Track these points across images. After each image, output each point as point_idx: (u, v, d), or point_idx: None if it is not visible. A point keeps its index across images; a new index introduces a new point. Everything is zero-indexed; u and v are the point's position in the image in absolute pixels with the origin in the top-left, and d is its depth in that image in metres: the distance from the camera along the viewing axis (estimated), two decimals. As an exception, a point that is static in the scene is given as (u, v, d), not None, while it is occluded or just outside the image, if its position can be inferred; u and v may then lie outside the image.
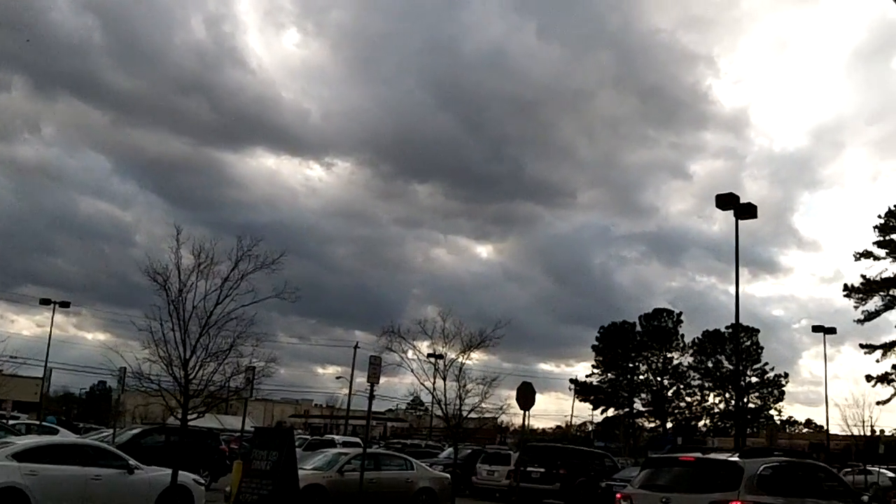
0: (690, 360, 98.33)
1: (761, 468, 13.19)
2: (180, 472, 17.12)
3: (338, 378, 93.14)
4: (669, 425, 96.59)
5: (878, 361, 61.16)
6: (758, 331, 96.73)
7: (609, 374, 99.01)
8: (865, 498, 15.60)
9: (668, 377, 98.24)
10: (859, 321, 61.94)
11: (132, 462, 17.57)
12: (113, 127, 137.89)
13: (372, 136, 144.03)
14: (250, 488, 16.99)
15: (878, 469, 56.15)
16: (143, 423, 37.41)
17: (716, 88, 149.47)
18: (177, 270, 17.03)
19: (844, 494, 14.70)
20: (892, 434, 73.55)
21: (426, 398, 26.82)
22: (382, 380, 21.88)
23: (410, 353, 23.25)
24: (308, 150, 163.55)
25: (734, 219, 32.75)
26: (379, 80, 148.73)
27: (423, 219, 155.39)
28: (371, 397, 21.69)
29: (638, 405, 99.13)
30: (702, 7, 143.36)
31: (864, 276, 61.04)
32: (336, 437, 46.42)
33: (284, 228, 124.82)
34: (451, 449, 32.22)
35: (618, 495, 14.16)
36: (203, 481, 19.57)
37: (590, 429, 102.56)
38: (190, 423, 17.70)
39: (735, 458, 13.54)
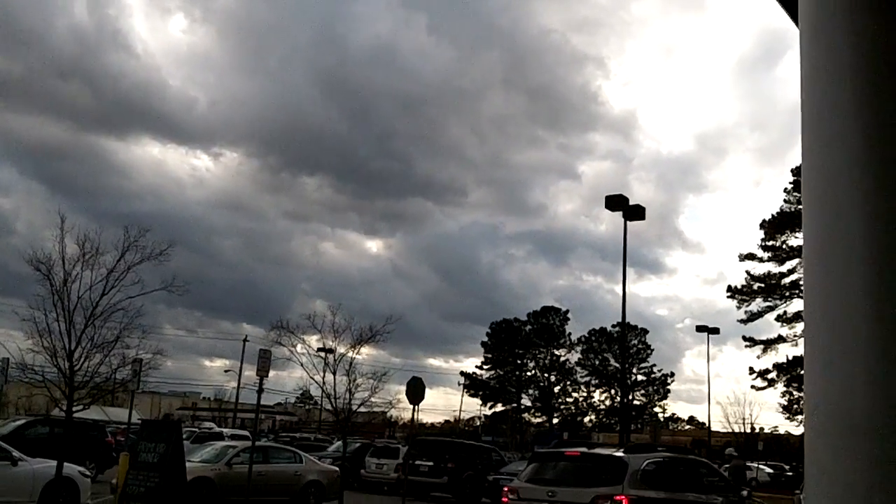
0: (578, 357, 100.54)
1: (645, 463, 13.57)
2: (66, 464, 16.83)
3: (226, 371, 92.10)
4: (556, 421, 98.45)
5: (758, 357, 63.57)
6: (646, 331, 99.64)
7: (498, 371, 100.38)
8: (745, 492, 16.30)
9: (555, 374, 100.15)
10: (742, 321, 64.26)
11: (16, 454, 17.18)
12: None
13: (259, 127, 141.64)
14: (137, 480, 16.81)
15: (756, 465, 58.52)
16: (26, 414, 36.25)
17: (605, 90, 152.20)
18: (61, 260, 16.73)
19: (725, 489, 15.32)
20: (771, 431, 76.71)
21: (316, 392, 26.74)
22: (271, 373, 21.84)
23: (300, 348, 23.23)
24: (195, 139, 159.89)
25: (623, 220, 33.77)
26: (266, 70, 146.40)
27: (311, 213, 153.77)
28: (260, 391, 21.64)
29: (525, 401, 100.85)
30: (592, 9, 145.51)
31: (748, 274, 63.29)
32: (224, 430, 45.84)
33: (170, 219, 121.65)
34: (339, 443, 32.26)
35: (505, 488, 14.37)
36: (89, 473, 19.27)
37: (478, 423, 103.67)
38: (75, 415, 17.41)
39: (620, 454, 13.99)
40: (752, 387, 63.58)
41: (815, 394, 2.16)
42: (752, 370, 63.73)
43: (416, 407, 25.38)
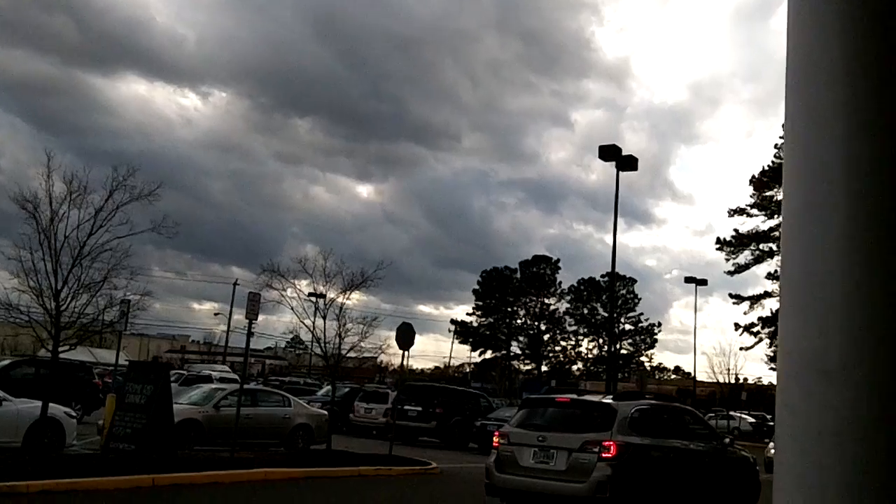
0: (567, 306, 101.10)
1: (633, 410, 13.82)
2: (51, 405, 16.82)
3: (216, 315, 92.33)
4: (544, 369, 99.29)
5: (745, 313, 64.09)
6: (635, 280, 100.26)
7: (488, 318, 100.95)
8: (728, 440, 16.58)
9: (544, 322, 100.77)
10: (729, 273, 64.73)
11: (0, 393, 17.20)
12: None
13: (249, 66, 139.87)
14: (124, 422, 16.89)
15: (739, 414, 59.15)
16: (12, 355, 36.29)
17: (599, 36, 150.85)
18: (48, 199, 16.56)
19: (709, 436, 15.61)
20: (755, 382, 77.38)
21: (306, 337, 26.74)
22: (261, 317, 21.86)
23: (290, 292, 23.17)
24: (183, 77, 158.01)
25: (615, 170, 33.68)
26: (256, 7, 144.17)
27: (303, 155, 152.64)
28: (249, 334, 21.63)
29: (515, 348, 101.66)
30: None
31: (736, 231, 63.54)
32: (213, 372, 46.05)
33: (158, 159, 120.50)
34: (329, 387, 32.42)
35: (496, 433, 14.59)
36: (75, 414, 19.31)
37: (467, 370, 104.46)
38: (61, 356, 17.39)
39: (609, 401, 14.20)
40: (742, 348, 64.14)
41: (789, 338, 2.11)
42: (737, 326, 64.27)
43: (406, 353, 25.46)
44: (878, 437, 2.07)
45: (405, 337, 24.48)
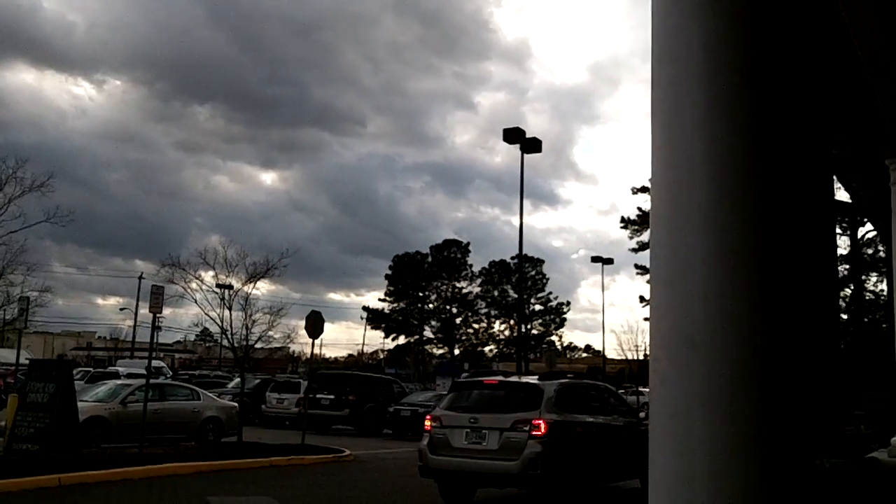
0: (478, 289, 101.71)
1: (557, 389, 14.37)
2: (-52, 407, 16.31)
3: (122, 310, 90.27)
4: (458, 352, 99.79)
5: (647, 283, 65.64)
6: (542, 261, 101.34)
7: (400, 304, 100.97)
8: (643, 414, 17.26)
9: (456, 306, 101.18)
10: (633, 250, 66.07)
11: None
12: None
13: (144, 52, 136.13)
14: (26, 421, 16.48)
15: (648, 390, 60.43)
16: None
17: (498, 17, 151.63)
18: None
19: (626, 412, 16.46)
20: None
21: (214, 329, 26.41)
22: (167, 311, 21.53)
23: (194, 284, 22.81)
24: (75, 66, 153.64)
25: (519, 152, 34.01)
26: None
27: (204, 143, 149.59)
28: (154, 328, 21.29)
29: (428, 333, 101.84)
30: None
31: (640, 209, 64.80)
32: (120, 368, 45.09)
33: (52, 151, 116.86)
34: (239, 379, 32.09)
35: (428, 416, 14.92)
36: (-26, 416, 18.75)
37: (381, 357, 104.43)
38: (-43, 357, 16.86)
39: (535, 381, 14.89)
40: (645, 319, 65.56)
41: (659, 308, 2.21)
42: (642, 299, 65.68)
43: (316, 341, 25.33)
44: (741, 403, 2.19)
45: (314, 325, 24.37)
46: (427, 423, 14.63)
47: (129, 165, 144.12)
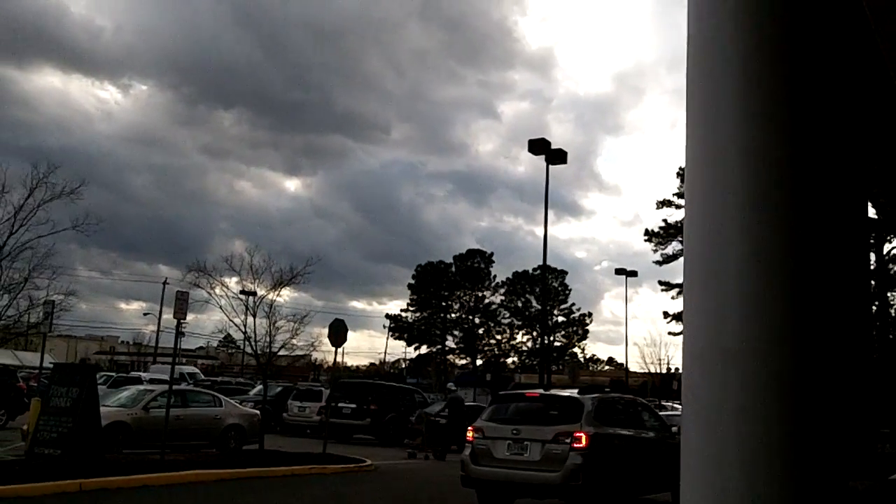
0: (501, 299, 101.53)
1: (596, 403, 14.79)
2: (-29, 410, 16.37)
3: (145, 315, 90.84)
4: (479, 362, 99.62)
5: (673, 299, 65.09)
6: (565, 273, 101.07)
7: (423, 313, 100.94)
8: (675, 429, 17.30)
9: (479, 316, 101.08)
10: (658, 263, 65.60)
11: (-82, 399, 16.69)
12: None
13: (170, 56, 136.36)
14: (49, 426, 16.49)
15: (671, 404, 60.08)
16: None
17: (522, 25, 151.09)
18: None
19: (659, 426, 16.67)
20: (685, 370, 78.42)
21: (237, 335, 26.40)
22: (191, 316, 21.54)
23: (218, 290, 22.82)
24: (101, 69, 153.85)
25: (543, 162, 33.84)
26: None
27: (229, 148, 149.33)
28: (178, 334, 21.31)
29: (450, 343, 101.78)
30: None
31: (664, 221, 64.42)
32: (148, 374, 45.29)
33: (78, 154, 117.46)
34: (261, 386, 32.10)
35: (470, 428, 15.32)
36: (-2, 419, 18.83)
37: (403, 366, 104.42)
38: (-18, 360, 16.93)
39: (575, 395, 15.25)
40: (670, 333, 65.13)
41: (693, 320, 2.15)
42: (666, 314, 65.23)
43: (339, 349, 25.31)
44: (774, 414, 2.12)
45: (337, 333, 24.33)
46: (469, 434, 15.05)
47: (154, 169, 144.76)
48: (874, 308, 51.61)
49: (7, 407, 25.84)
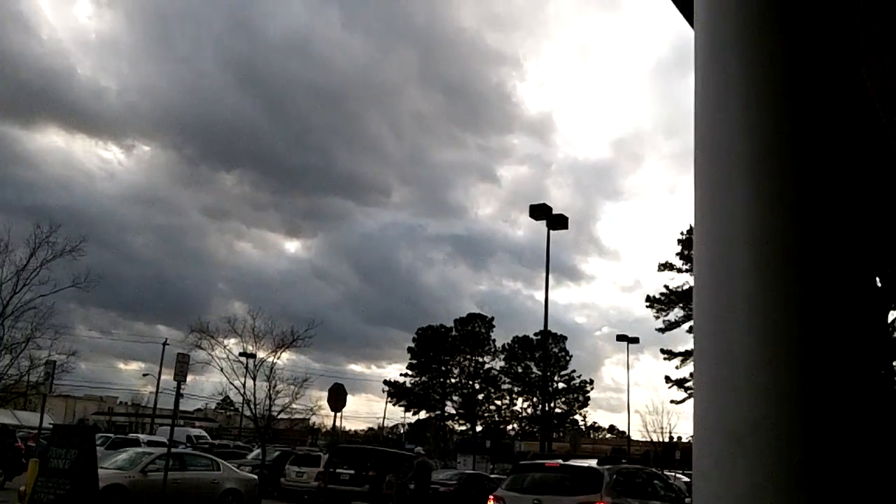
0: (501, 364, 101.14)
1: (615, 474, 15.19)
2: (-31, 470, 16.31)
3: (144, 375, 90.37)
4: (479, 428, 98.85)
5: (677, 368, 64.78)
6: (565, 338, 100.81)
7: (422, 377, 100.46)
8: (688, 500, 17.42)
9: (479, 381, 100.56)
10: (660, 330, 65.30)
11: (-84, 460, 16.63)
12: None
13: (174, 117, 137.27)
14: (47, 487, 16.41)
15: (674, 474, 59.42)
16: (-71, 419, 35.08)
17: (520, 91, 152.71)
18: (-30, 257, 16.25)
19: (675, 499, 16.98)
20: (689, 441, 77.67)
21: (236, 398, 26.38)
22: (190, 377, 21.59)
23: (219, 351, 22.87)
24: (105, 130, 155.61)
25: (543, 227, 34.06)
26: (177, 58, 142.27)
27: (230, 209, 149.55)
28: (178, 396, 21.28)
29: (450, 408, 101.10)
30: (506, 7, 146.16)
31: (666, 287, 64.38)
32: (141, 436, 44.98)
33: (80, 213, 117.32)
34: (259, 450, 31.88)
35: (490, 497, 15.64)
36: (-6, 480, 18.72)
37: (402, 431, 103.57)
38: (-18, 420, 16.91)
39: (595, 466, 15.64)
40: (672, 401, 64.71)
41: (702, 403, 2.20)
42: (668, 379, 64.88)
43: (338, 414, 25.23)
44: (784, 500, 2.16)
45: (337, 398, 24.31)
46: (490, 502, 15.37)
47: (155, 229, 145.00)
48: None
49: (5, 467, 25.67)
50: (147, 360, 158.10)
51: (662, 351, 65.93)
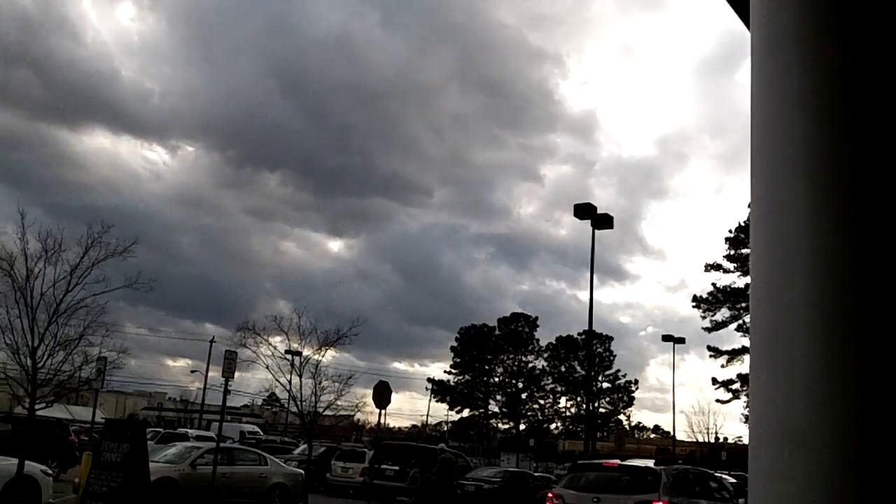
0: (544, 364, 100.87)
1: (672, 474, 15.54)
2: (27, 462, 16.68)
3: (192, 372, 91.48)
4: (522, 427, 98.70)
5: (723, 367, 64.04)
6: (611, 338, 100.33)
7: (465, 376, 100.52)
8: (742, 501, 17.54)
9: (522, 380, 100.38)
10: (707, 329, 64.54)
11: (-25, 451, 17.04)
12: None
13: (217, 119, 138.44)
14: (100, 480, 16.72)
15: (720, 475, 58.76)
16: (-14, 412, 35.90)
17: (563, 89, 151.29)
18: (23, 256, 16.60)
19: (727, 498, 17.28)
20: (735, 442, 77.08)
21: (282, 394, 26.64)
22: (236, 374, 21.80)
23: (265, 349, 23.13)
24: (150, 131, 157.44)
25: (587, 226, 33.91)
26: (218, 61, 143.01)
27: (273, 210, 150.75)
28: (226, 392, 21.56)
29: (493, 407, 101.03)
30: (548, 5, 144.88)
31: (714, 285, 63.68)
32: (189, 430, 45.58)
33: (127, 214, 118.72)
34: (305, 445, 32.16)
35: (549, 494, 16.21)
36: (51, 472, 19.10)
37: (445, 428, 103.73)
38: (38, 413, 17.28)
39: (652, 466, 16.06)
40: (718, 400, 64.02)
41: (759, 405, 2.21)
42: (715, 381, 64.17)
43: (383, 411, 25.40)
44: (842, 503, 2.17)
45: (382, 395, 24.46)
46: (549, 500, 15.79)
47: (201, 229, 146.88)
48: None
49: (59, 460, 26.21)
50: (194, 357, 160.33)
51: (709, 348, 65.25)
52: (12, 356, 16.55)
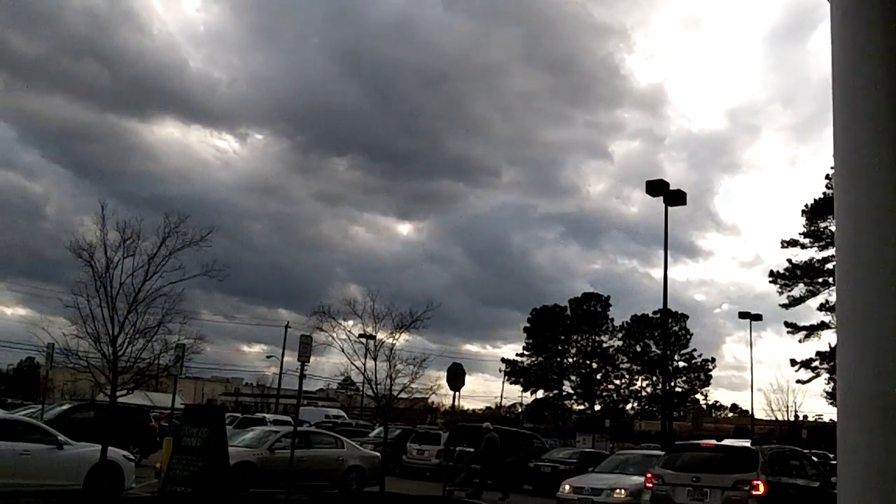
0: (619, 343, 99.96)
1: (769, 453, 16.08)
2: (110, 448, 17.07)
3: (269, 357, 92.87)
4: (598, 408, 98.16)
5: (800, 342, 62.53)
6: (686, 316, 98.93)
7: (539, 357, 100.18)
8: (834, 479, 17.44)
9: (597, 360, 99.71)
10: (784, 306, 63.06)
11: (61, 437, 17.47)
12: (6, 92, 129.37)
13: (284, 106, 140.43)
14: (181, 465, 17.04)
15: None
16: (71, 399, 36.86)
17: (630, 63, 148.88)
18: (102, 247, 16.92)
19: (819, 475, 17.57)
20: (815, 420, 75.56)
21: (357, 378, 26.85)
22: (312, 359, 21.97)
23: (339, 333, 23.27)
24: (219, 120, 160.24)
25: (658, 203, 33.32)
26: (283, 47, 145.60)
27: (342, 194, 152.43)
28: (302, 376, 21.77)
29: (567, 387, 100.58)
30: None
31: (790, 261, 62.19)
32: (267, 415, 46.31)
33: (199, 202, 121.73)
34: (381, 428, 32.42)
35: (648, 474, 16.64)
36: (133, 458, 19.54)
37: (519, 410, 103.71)
38: (119, 400, 17.65)
39: (749, 446, 16.95)
40: (798, 381, 62.64)
41: (848, 376, 2.13)
42: (794, 362, 62.70)
43: (457, 393, 25.43)
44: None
45: (456, 377, 24.46)
46: (649, 481, 16.31)
47: (272, 216, 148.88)
48: None
49: (141, 446, 26.83)
50: (269, 342, 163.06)
51: (786, 324, 63.75)
52: (94, 344, 16.89)
